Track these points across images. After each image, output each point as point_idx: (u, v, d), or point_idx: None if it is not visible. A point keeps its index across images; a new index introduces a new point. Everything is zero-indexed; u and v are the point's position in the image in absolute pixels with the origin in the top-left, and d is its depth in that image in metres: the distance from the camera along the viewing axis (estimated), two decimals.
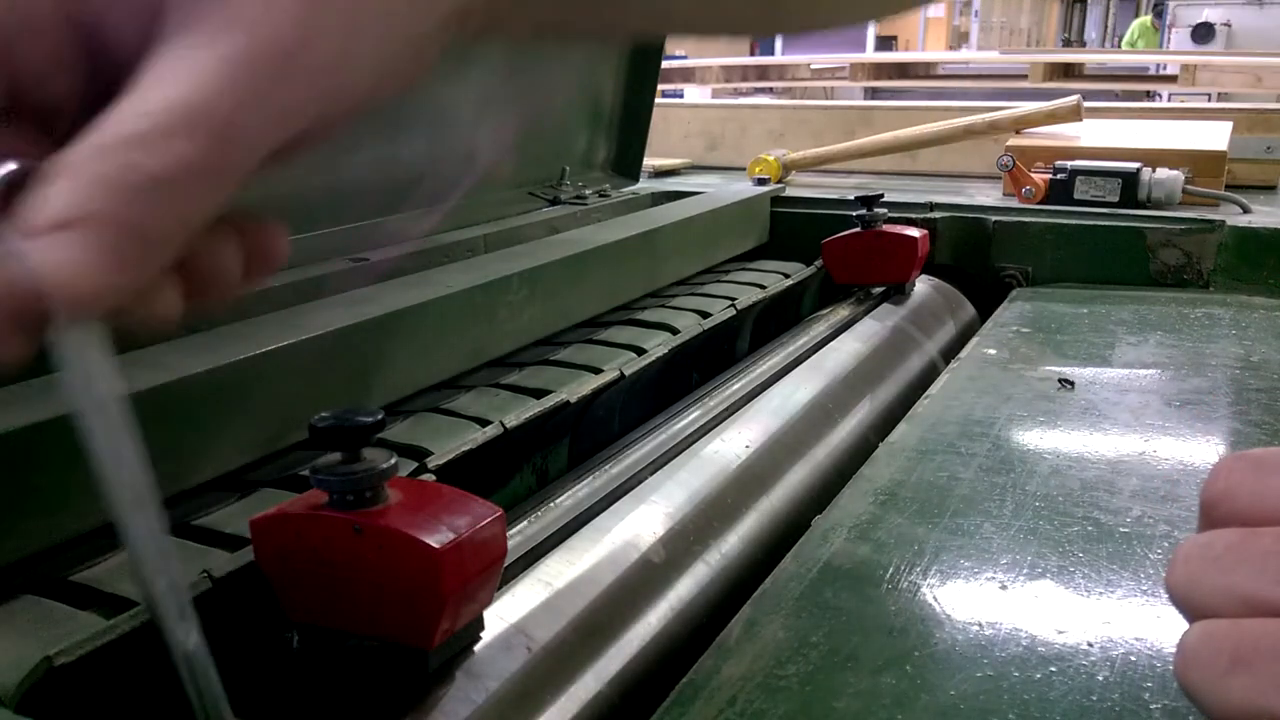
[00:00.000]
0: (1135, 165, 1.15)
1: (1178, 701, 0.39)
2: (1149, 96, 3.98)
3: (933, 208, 1.15)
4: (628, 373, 0.72)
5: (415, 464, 0.54)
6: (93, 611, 0.40)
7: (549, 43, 0.90)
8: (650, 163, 1.38)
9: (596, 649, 0.47)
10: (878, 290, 1.03)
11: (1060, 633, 0.45)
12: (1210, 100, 3.41)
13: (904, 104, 1.85)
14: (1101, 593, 0.48)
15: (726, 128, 1.65)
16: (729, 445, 0.67)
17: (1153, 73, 4.75)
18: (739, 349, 0.98)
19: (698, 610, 0.53)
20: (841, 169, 1.46)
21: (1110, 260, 1.07)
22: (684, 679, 0.42)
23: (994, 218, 1.13)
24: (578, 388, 0.67)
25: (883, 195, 1.03)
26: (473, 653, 0.42)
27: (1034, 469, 0.62)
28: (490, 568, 0.40)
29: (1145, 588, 0.48)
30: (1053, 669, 0.42)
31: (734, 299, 0.91)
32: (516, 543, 0.51)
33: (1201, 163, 1.19)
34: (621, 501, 0.58)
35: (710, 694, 0.41)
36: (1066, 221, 1.10)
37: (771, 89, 4.14)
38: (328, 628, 0.41)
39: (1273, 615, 0.24)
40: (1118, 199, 1.14)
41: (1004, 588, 0.49)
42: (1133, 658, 0.43)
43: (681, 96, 3.53)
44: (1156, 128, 1.38)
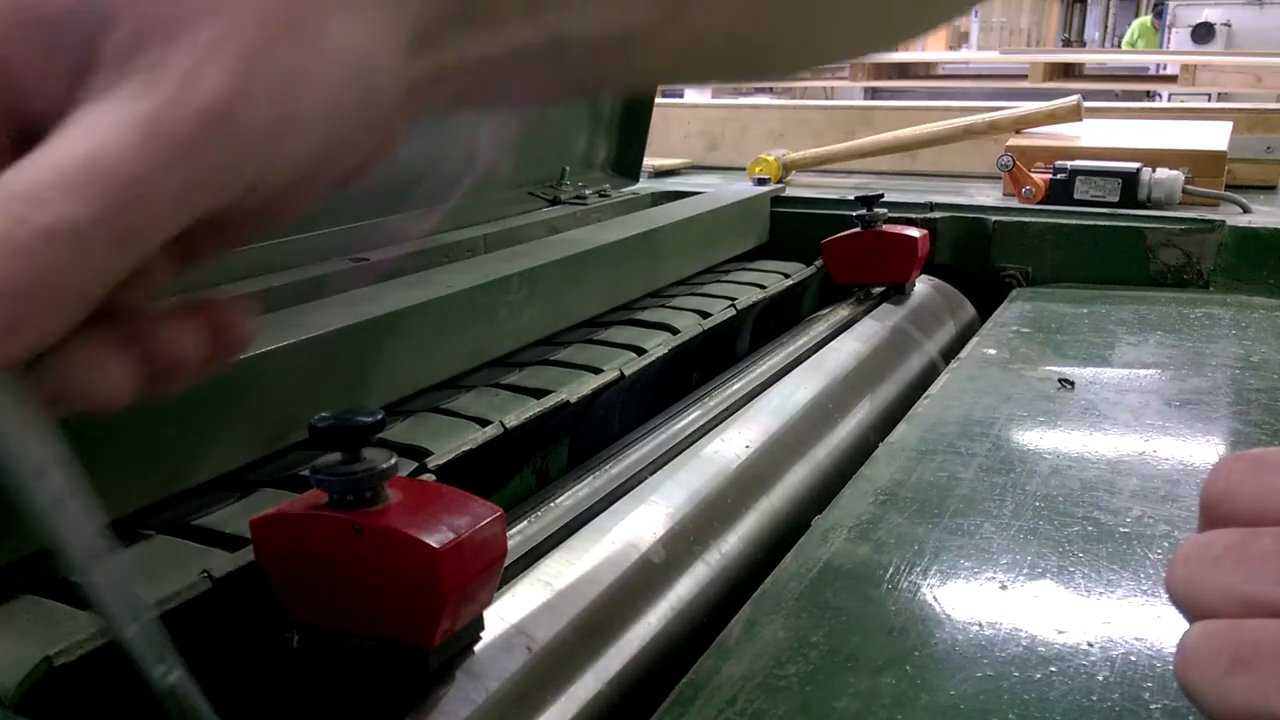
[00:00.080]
0: (1135, 165, 1.15)
1: (1178, 701, 0.39)
2: (1149, 96, 3.99)
3: (933, 208, 1.15)
4: (628, 373, 0.72)
5: (415, 464, 0.54)
6: (93, 611, 0.40)
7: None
8: (650, 163, 1.38)
9: (597, 649, 0.47)
10: (878, 290, 1.02)
11: (1060, 633, 0.45)
12: (1210, 100, 3.42)
13: (904, 104, 1.85)
14: (1101, 593, 0.48)
15: (726, 128, 1.65)
16: (729, 445, 0.67)
17: (1153, 73, 4.76)
18: (739, 349, 0.98)
19: (698, 610, 0.53)
20: (841, 169, 1.45)
21: (1110, 260, 1.07)
22: (684, 679, 0.42)
23: (994, 218, 1.13)
24: (578, 388, 0.67)
25: (883, 195, 1.03)
26: (473, 653, 0.42)
27: (1034, 469, 0.62)
28: (490, 568, 0.40)
29: (1145, 588, 0.48)
30: (1053, 669, 0.42)
31: (734, 299, 0.91)
32: (516, 543, 0.51)
33: (1201, 163, 1.19)
34: (621, 501, 0.58)
35: (710, 694, 0.41)
36: (1066, 221, 1.10)
37: (771, 89, 4.14)
38: (328, 628, 0.41)
39: (1273, 615, 0.24)
40: (1118, 199, 1.14)
41: (1004, 588, 0.49)
42: (1133, 658, 0.43)
43: (681, 96, 3.53)
44: (1156, 128, 1.38)
